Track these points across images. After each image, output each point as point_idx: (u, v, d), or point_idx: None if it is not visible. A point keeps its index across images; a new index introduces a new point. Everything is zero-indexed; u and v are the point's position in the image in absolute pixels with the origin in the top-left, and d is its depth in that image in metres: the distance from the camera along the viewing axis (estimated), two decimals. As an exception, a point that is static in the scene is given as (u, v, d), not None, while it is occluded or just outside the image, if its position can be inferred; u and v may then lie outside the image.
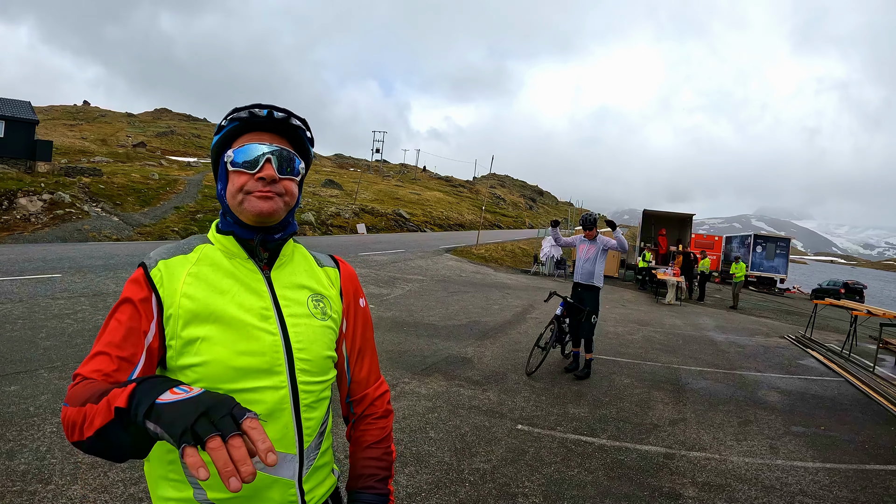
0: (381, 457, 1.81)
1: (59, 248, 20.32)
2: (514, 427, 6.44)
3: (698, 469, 5.70)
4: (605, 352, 10.75)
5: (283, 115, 1.58)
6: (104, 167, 43.82)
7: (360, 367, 1.85)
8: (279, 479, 1.54)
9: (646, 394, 8.21)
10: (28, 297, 10.69)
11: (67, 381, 6.50)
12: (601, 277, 8.98)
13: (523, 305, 16.22)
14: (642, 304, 20.10)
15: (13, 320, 8.94)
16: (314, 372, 1.63)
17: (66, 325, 8.95)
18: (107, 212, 30.66)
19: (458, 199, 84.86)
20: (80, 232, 25.79)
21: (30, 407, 5.74)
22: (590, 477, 5.30)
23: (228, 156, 1.57)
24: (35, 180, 31.51)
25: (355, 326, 1.84)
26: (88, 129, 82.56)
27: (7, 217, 26.14)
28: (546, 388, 8.10)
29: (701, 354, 11.60)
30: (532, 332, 11.92)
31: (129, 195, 35.26)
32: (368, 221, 47.74)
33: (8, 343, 7.75)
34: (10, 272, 13.45)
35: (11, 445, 4.89)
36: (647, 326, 14.83)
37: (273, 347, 1.55)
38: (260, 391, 1.51)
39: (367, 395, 1.86)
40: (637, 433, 6.60)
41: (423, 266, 23.84)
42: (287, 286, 1.66)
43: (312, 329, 1.65)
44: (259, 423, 1.08)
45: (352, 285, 1.86)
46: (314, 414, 1.64)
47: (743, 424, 7.24)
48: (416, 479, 4.95)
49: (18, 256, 16.54)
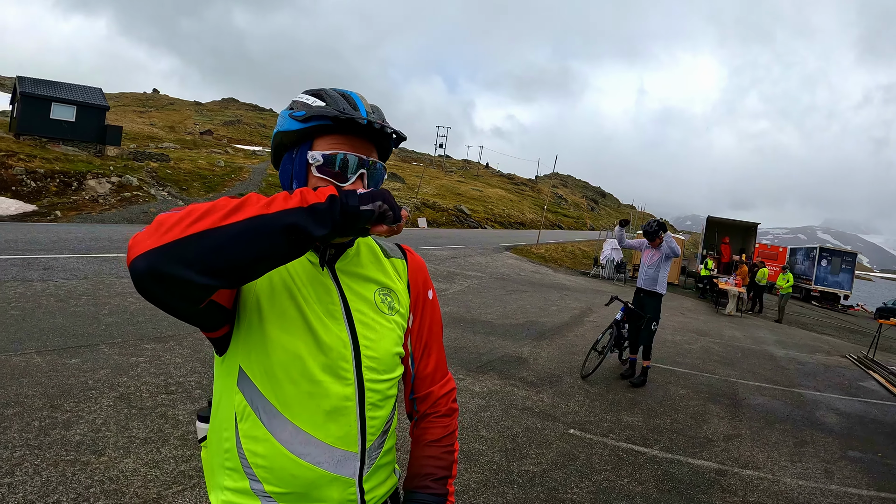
0: (440, 455, 1.74)
1: (126, 228, 20.87)
2: (567, 431, 6.41)
3: (750, 488, 5.58)
4: (662, 360, 10.60)
5: (381, 126, 1.49)
6: (171, 153, 44.79)
7: (425, 364, 1.79)
8: (339, 476, 1.50)
9: (701, 406, 8.07)
10: (93, 275, 11.03)
11: (127, 358, 6.74)
12: (664, 284, 8.85)
13: (581, 308, 16.09)
14: (702, 314, 19.76)
15: (77, 296, 9.23)
16: (381, 370, 1.59)
17: (129, 303, 9.21)
18: (173, 196, 31.36)
19: (520, 197, 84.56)
20: (147, 214, 26.41)
21: (89, 380, 5.93)
22: (639, 488, 5.23)
23: (315, 158, 1.49)
24: (104, 163, 32.38)
25: (422, 321, 1.78)
26: (157, 116, 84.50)
27: (76, 197, 26.91)
28: (601, 393, 8.03)
29: (760, 369, 11.35)
30: (589, 335, 11.82)
31: (195, 181, 36.01)
32: (429, 216, 47.85)
33: (72, 318, 8.00)
34: (78, 250, 13.87)
35: (68, 416, 5.06)
36: (706, 337, 14.58)
37: (340, 343, 1.51)
38: (325, 386, 1.48)
39: (432, 393, 1.80)
40: (690, 446, 6.49)
41: (483, 263, 23.83)
42: (353, 280, 1.61)
43: (380, 325, 1.60)
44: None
45: (420, 277, 1.79)
46: (379, 413, 1.59)
47: (799, 445, 7.06)
48: (465, 477, 4.95)
49: (86, 235, 17.03)
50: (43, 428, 4.77)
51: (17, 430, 4.67)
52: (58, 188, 27.10)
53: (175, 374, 6.40)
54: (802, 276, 37.85)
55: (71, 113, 36.50)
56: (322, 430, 1.48)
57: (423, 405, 1.80)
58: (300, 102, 1.53)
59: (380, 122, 1.48)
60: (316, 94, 1.54)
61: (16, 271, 10.49)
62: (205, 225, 1.14)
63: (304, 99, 1.53)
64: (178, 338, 7.73)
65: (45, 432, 4.70)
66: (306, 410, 1.46)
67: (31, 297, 8.82)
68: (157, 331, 7.93)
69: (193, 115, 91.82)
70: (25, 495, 3.79)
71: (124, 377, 6.13)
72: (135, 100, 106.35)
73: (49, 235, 16.09)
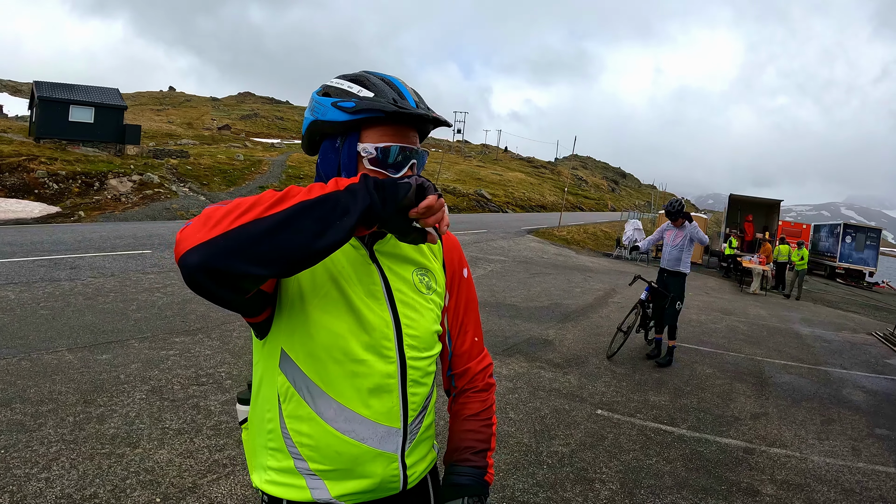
0: (479, 429, 1.76)
1: (149, 225, 21.04)
2: (594, 412, 6.42)
3: (778, 466, 5.57)
4: (688, 340, 10.57)
5: (430, 115, 1.50)
6: (190, 149, 45.02)
7: (462, 341, 1.81)
8: (383, 452, 1.54)
9: (728, 385, 8.05)
10: (120, 272, 11.17)
11: (157, 352, 6.83)
12: (688, 264, 8.82)
13: (605, 289, 16.06)
14: (726, 293, 19.63)
15: (105, 293, 9.36)
16: (422, 348, 1.62)
17: (156, 298, 9.33)
18: (194, 191, 31.56)
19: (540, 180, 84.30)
20: (169, 210, 26.61)
21: (120, 375, 6.03)
22: (668, 467, 5.24)
23: (368, 151, 1.48)
24: (125, 162, 32.64)
25: (458, 299, 1.80)
26: (175, 113, 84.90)
27: (98, 197, 27.15)
28: (627, 374, 8.03)
29: (785, 347, 11.29)
30: (614, 316, 11.81)
31: (216, 175, 36.21)
32: (450, 202, 47.84)
33: (101, 314, 8.12)
34: (103, 248, 14.02)
35: (102, 410, 5.15)
36: (731, 315, 14.51)
37: (382, 322, 1.54)
38: (369, 364, 1.51)
39: (470, 369, 1.82)
40: (717, 425, 6.49)
41: (505, 247, 23.83)
42: (392, 261, 1.63)
43: (420, 304, 1.63)
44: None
45: (455, 256, 1.81)
46: (420, 389, 1.63)
47: (826, 423, 7.03)
48: (495, 458, 4.98)
49: (110, 234, 17.19)
50: (78, 423, 4.86)
51: (53, 426, 4.76)
52: (80, 189, 27.37)
53: (205, 366, 6.49)
54: (827, 254, 37.42)
55: (89, 114, 36.84)
56: (366, 406, 1.52)
57: (460, 381, 1.82)
58: (342, 90, 1.50)
59: (432, 114, 1.50)
60: (358, 81, 1.52)
61: (43, 272, 10.63)
62: (252, 216, 1.17)
63: (346, 87, 1.51)
64: (206, 330, 7.82)
65: (79, 427, 4.79)
66: (350, 388, 1.50)
67: (59, 296, 8.95)
68: (186, 324, 8.03)
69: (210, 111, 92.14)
70: (63, 489, 3.87)
71: (155, 370, 6.22)
72: (152, 98, 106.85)
73: (74, 236, 16.26)
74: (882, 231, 37.96)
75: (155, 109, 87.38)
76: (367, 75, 1.55)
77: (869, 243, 35.92)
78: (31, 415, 4.94)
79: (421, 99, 1.55)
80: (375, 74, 1.55)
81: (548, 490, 4.59)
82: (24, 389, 5.45)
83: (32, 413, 4.98)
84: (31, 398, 5.28)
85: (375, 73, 1.56)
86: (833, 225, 38.11)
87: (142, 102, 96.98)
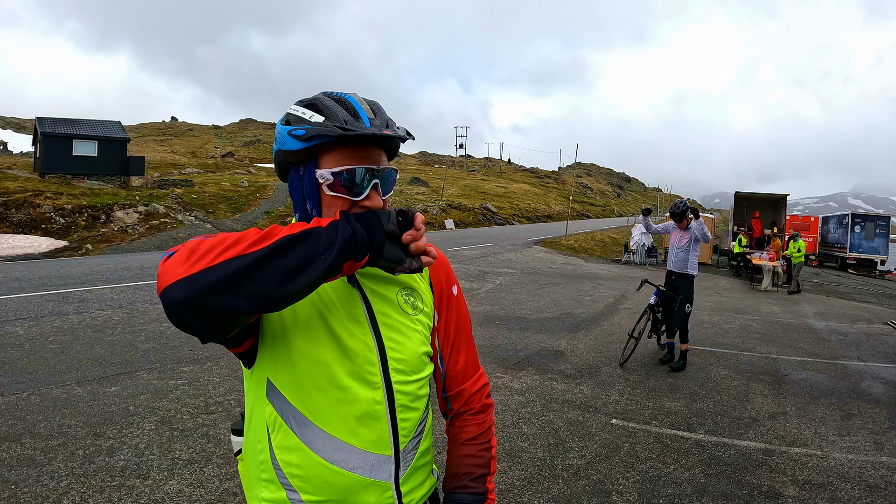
0: (477, 453, 1.69)
1: (156, 256, 21.11)
2: (609, 422, 6.35)
3: (799, 466, 5.47)
4: (701, 342, 10.48)
5: (381, 132, 1.42)
6: (195, 178, 45.31)
7: (455, 361, 1.74)
8: (375, 481, 1.49)
9: (744, 386, 7.96)
10: (128, 303, 11.18)
11: (166, 382, 6.84)
12: (695, 265, 8.74)
13: (615, 296, 15.98)
14: (737, 292, 19.50)
15: (113, 325, 9.37)
16: (409, 371, 1.56)
17: (164, 328, 9.32)
18: (200, 220, 31.69)
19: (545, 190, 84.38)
20: (176, 240, 26.70)
21: (129, 406, 6.02)
22: (686, 474, 5.16)
23: (324, 177, 1.44)
24: (130, 194, 32.89)
25: (448, 317, 1.73)
26: (178, 143, 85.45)
27: (105, 229, 27.31)
28: (641, 380, 7.96)
29: (801, 343, 11.17)
30: (625, 323, 11.72)
31: (221, 203, 36.38)
32: (456, 217, 47.90)
33: (109, 347, 8.13)
34: (111, 280, 14.08)
35: (111, 443, 5.13)
36: (744, 314, 14.39)
37: (365, 348, 1.49)
38: (354, 392, 1.47)
39: (464, 391, 1.75)
40: (735, 428, 6.40)
41: (513, 259, 23.80)
42: (375, 282, 1.58)
43: (405, 325, 1.58)
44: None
45: (443, 273, 1.73)
46: (411, 414, 1.57)
47: (846, 418, 6.92)
48: (509, 475, 4.93)
49: (117, 265, 17.27)
50: (87, 456, 4.84)
51: (63, 460, 4.74)
52: (86, 222, 27.52)
53: (214, 394, 6.46)
54: (837, 245, 37.22)
55: (93, 148, 37.18)
56: (354, 435, 1.47)
57: (456, 403, 1.76)
58: (295, 117, 1.47)
59: (383, 131, 1.43)
60: (311, 106, 1.47)
61: (52, 306, 10.65)
62: (236, 251, 1.16)
63: (300, 113, 1.47)
64: (214, 358, 7.80)
65: (89, 460, 4.77)
66: (336, 417, 1.45)
67: (68, 329, 8.96)
68: (194, 353, 8.01)
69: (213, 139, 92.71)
70: (74, 525, 3.83)
71: (164, 401, 6.19)
72: (154, 129, 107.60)
73: (81, 269, 16.33)
74: (891, 218, 37.74)
75: (158, 140, 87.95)
76: (321, 98, 1.49)
77: (878, 231, 35.70)
78: (41, 449, 4.94)
79: (379, 113, 1.49)
80: (331, 95, 1.50)
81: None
82: (33, 424, 5.45)
83: (42, 447, 4.97)
84: (41, 433, 5.27)
85: (332, 94, 1.51)
86: (841, 216, 37.90)
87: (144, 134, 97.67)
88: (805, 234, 33.53)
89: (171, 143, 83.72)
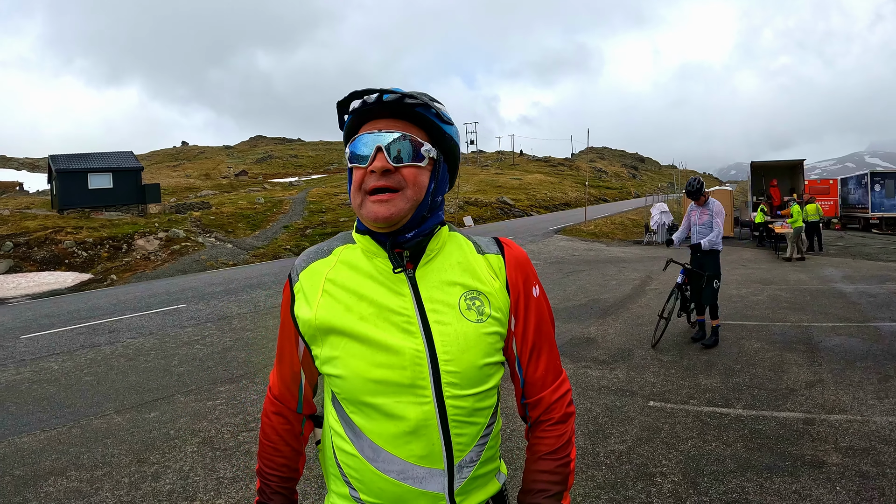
0: (554, 469, 1.58)
1: (181, 280, 21.32)
2: (647, 404, 6.33)
3: (840, 433, 5.42)
4: (731, 316, 10.41)
5: (393, 96, 1.41)
6: (211, 199, 45.62)
7: (534, 367, 1.61)
8: (426, 492, 1.45)
9: (778, 357, 7.90)
10: (157, 329, 11.30)
11: (204, 403, 6.90)
12: (720, 240, 8.65)
13: (641, 278, 15.91)
14: (763, 262, 19.31)
15: (146, 352, 9.48)
16: (464, 385, 1.46)
17: (196, 350, 9.42)
18: (220, 240, 31.91)
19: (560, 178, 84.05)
20: (198, 262, 26.90)
21: (170, 430, 6.09)
22: (728, 450, 5.14)
23: (346, 152, 1.46)
24: (149, 222, 33.18)
25: (527, 322, 1.59)
26: (191, 166, 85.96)
27: (128, 259, 27.57)
28: (674, 360, 7.92)
29: (831, 309, 11.07)
30: (653, 304, 11.67)
31: (239, 221, 36.60)
32: (474, 213, 47.81)
33: (144, 373, 8.23)
34: (139, 308, 14.23)
35: (156, 468, 5.19)
36: (771, 285, 14.27)
37: (415, 360, 1.43)
38: (402, 406, 1.42)
39: (543, 399, 1.62)
40: (773, 400, 6.35)
41: (535, 250, 23.78)
42: (434, 285, 1.50)
43: (464, 335, 1.47)
44: None
45: (520, 274, 1.60)
46: (466, 430, 1.48)
47: (883, 381, 6.84)
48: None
49: (144, 293, 17.45)
50: (133, 483, 4.90)
51: (109, 489, 4.81)
52: (109, 253, 27.78)
53: (252, 411, 6.52)
54: (858, 206, 36.62)
55: (108, 180, 37.67)
56: (403, 449, 1.44)
57: (535, 411, 1.64)
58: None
59: (389, 91, 1.42)
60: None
61: (83, 339, 10.78)
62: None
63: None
64: (249, 375, 7.87)
65: (135, 487, 4.83)
66: (386, 430, 1.43)
67: (101, 360, 9.06)
68: (228, 372, 8.08)
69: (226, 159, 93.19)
70: (128, 552, 3.88)
71: (204, 422, 6.26)
72: (166, 156, 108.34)
73: (109, 300, 16.51)
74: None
75: (171, 166, 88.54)
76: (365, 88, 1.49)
77: (900, 188, 35.05)
78: (86, 480, 5.01)
79: (403, 92, 1.45)
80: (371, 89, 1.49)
81: (609, 491, 4.52)
82: (77, 457, 5.54)
83: (88, 479, 5.05)
84: (85, 464, 5.35)
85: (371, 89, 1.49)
86: (860, 175, 37.26)
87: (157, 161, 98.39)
88: (824, 197, 33.05)
89: (183, 168, 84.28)
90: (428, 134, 1.49)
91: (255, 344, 9.64)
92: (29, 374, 8.64)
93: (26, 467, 5.39)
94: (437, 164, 1.52)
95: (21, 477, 5.19)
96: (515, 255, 1.62)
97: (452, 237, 1.62)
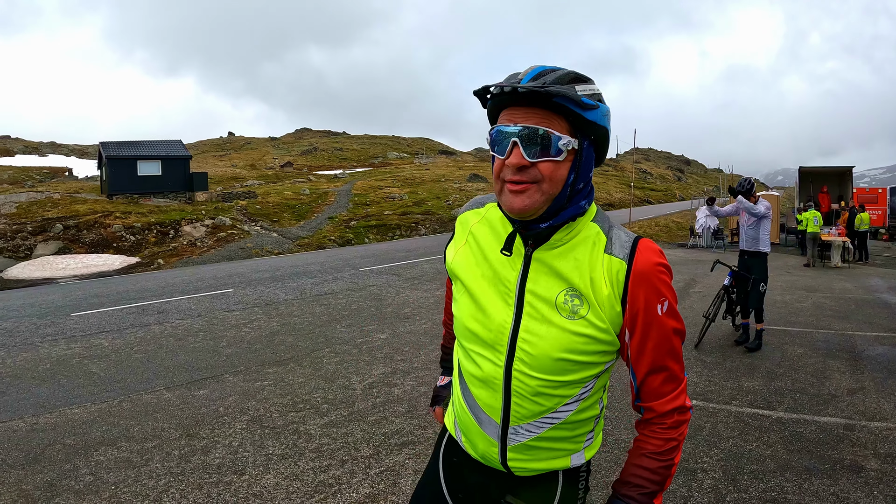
0: (656, 469, 1.57)
1: (227, 266, 21.64)
2: (687, 403, 6.33)
3: (880, 440, 5.41)
4: (775, 322, 10.32)
5: (525, 89, 1.37)
6: (257, 189, 46.13)
7: (651, 381, 1.57)
8: (484, 434, 1.67)
9: (821, 363, 7.85)
10: (206, 312, 11.52)
11: (252, 384, 7.06)
12: (767, 242, 8.56)
13: (685, 280, 15.77)
14: (808, 270, 19.06)
15: (195, 333, 9.69)
16: (533, 367, 1.53)
17: (244, 333, 9.61)
18: (266, 229, 32.33)
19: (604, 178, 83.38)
20: (244, 250, 27.29)
21: (220, 408, 6.25)
22: (769, 451, 5.16)
23: (487, 138, 1.49)
24: (196, 209, 33.73)
25: (644, 337, 1.52)
26: (237, 157, 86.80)
27: (175, 244, 28.08)
28: (717, 362, 7.92)
29: (876, 318, 10.92)
30: (697, 306, 11.58)
31: (285, 211, 37.01)
32: (519, 218, 47.48)
33: (193, 353, 8.42)
34: (187, 291, 14.49)
35: (206, 442, 5.35)
36: (816, 292, 14.09)
37: (500, 327, 1.58)
38: (481, 358, 1.63)
39: (655, 408, 1.59)
40: (814, 404, 6.33)
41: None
42: (544, 272, 1.55)
43: (548, 324, 1.52)
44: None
45: (643, 287, 1.49)
46: (526, 405, 1.56)
47: (926, 391, 6.79)
48: (597, 458, 4.98)
49: (191, 277, 17.75)
50: (183, 455, 5.06)
51: (159, 461, 4.97)
52: (156, 238, 28.32)
53: (300, 393, 6.66)
54: (910, 216, 35.77)
55: (157, 167, 38.39)
56: (476, 389, 1.67)
57: (645, 414, 1.63)
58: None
59: (513, 84, 1.39)
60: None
61: (132, 318, 11.05)
62: None
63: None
64: (297, 359, 8.02)
65: (185, 459, 4.99)
66: (471, 370, 1.68)
67: (151, 339, 9.30)
68: (276, 355, 8.25)
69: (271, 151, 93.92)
70: (179, 519, 4.03)
71: (252, 401, 6.41)
72: (213, 146, 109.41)
73: (157, 282, 16.83)
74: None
75: (217, 155, 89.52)
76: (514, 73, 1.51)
77: (952, 198, 34.20)
78: (137, 451, 5.18)
79: (545, 77, 1.42)
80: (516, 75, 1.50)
81: (649, 483, 4.56)
82: (127, 429, 5.72)
83: (138, 450, 5.21)
84: (136, 436, 5.53)
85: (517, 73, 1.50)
86: (910, 185, 36.36)
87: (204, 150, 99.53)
88: (873, 206, 32.36)
89: (230, 158, 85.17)
90: (569, 121, 1.45)
91: (302, 329, 9.79)
92: (80, 349, 8.87)
93: (77, 437, 5.56)
94: (580, 153, 1.48)
95: (72, 446, 5.36)
96: (644, 265, 1.51)
97: (588, 228, 1.59)
